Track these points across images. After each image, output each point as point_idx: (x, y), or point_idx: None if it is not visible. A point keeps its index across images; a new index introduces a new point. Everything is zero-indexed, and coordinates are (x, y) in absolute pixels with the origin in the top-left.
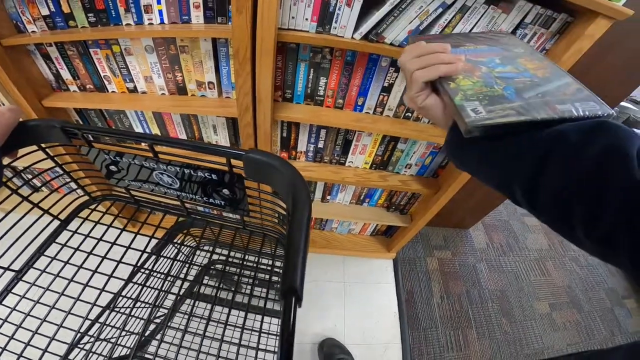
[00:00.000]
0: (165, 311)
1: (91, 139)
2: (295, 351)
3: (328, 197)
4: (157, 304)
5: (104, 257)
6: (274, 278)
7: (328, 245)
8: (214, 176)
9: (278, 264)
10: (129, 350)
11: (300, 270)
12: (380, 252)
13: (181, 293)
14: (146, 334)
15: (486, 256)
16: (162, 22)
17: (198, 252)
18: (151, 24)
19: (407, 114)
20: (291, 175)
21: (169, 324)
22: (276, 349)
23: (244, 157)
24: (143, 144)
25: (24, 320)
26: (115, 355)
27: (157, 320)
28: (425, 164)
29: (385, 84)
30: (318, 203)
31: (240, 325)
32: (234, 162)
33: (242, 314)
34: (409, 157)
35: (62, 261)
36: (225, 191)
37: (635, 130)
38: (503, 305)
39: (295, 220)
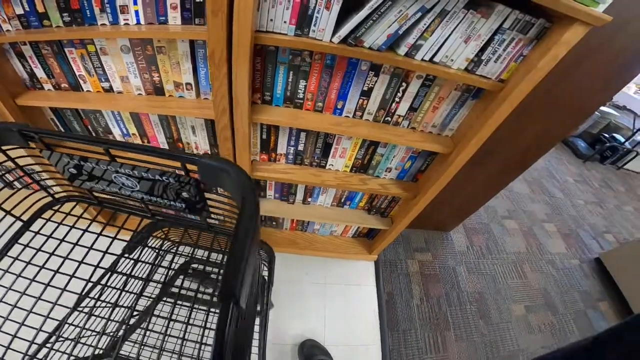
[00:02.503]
0: (131, 311)
1: (52, 142)
2: (275, 352)
3: (309, 199)
4: (119, 303)
5: (65, 258)
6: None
7: (309, 247)
8: (172, 180)
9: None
10: (91, 348)
11: (241, 274)
12: (361, 254)
13: (145, 293)
14: (120, 336)
15: (466, 259)
16: (138, 23)
17: (165, 254)
18: (127, 24)
19: (386, 118)
20: (241, 181)
21: (138, 325)
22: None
23: (199, 163)
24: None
25: None
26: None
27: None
28: (405, 167)
29: (365, 88)
30: (299, 205)
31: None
32: (191, 166)
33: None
34: (389, 161)
35: (24, 261)
36: (185, 194)
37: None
38: (481, 308)
39: (241, 222)
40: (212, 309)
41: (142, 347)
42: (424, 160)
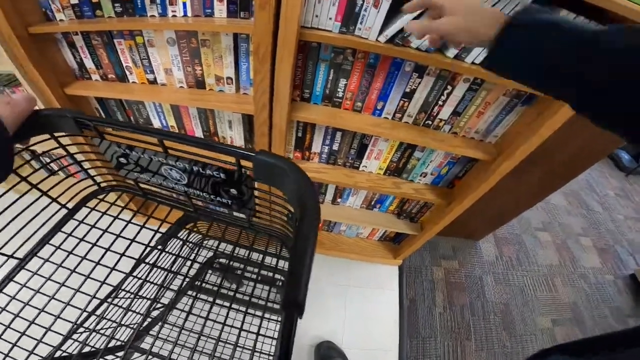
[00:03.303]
0: (165, 305)
1: (103, 130)
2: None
3: (339, 200)
4: (156, 298)
5: (107, 250)
6: (277, 276)
7: (335, 248)
8: (222, 175)
9: (281, 263)
10: (123, 343)
11: (304, 284)
12: (386, 258)
13: (182, 288)
14: (142, 328)
15: (494, 269)
16: (185, 15)
17: (202, 249)
18: (175, 16)
19: (427, 122)
20: (301, 183)
21: (166, 320)
22: (270, 352)
23: (254, 159)
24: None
25: (22, 309)
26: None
27: (155, 314)
28: (441, 173)
29: (407, 90)
30: (328, 205)
31: (238, 327)
32: (243, 162)
33: (236, 313)
34: (425, 166)
35: (66, 251)
36: (233, 190)
37: None
38: (505, 319)
39: (302, 231)
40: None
41: (174, 345)
42: (462, 166)
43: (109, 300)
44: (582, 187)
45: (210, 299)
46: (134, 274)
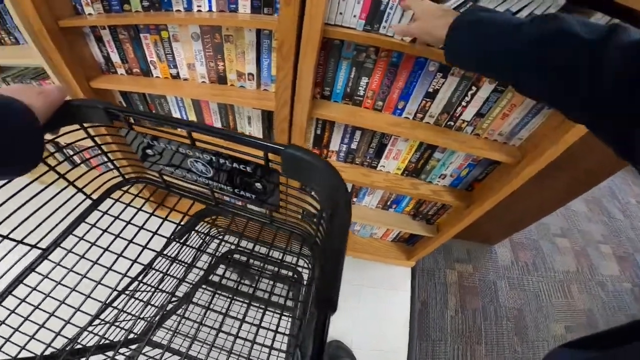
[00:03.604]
0: (182, 299)
1: (132, 121)
2: None
3: (355, 199)
4: (174, 292)
5: (130, 242)
6: (290, 273)
7: (349, 248)
8: (248, 168)
9: (301, 262)
10: (137, 335)
11: (337, 282)
12: (399, 259)
13: (196, 282)
14: (157, 322)
15: (509, 274)
16: (210, 10)
17: (223, 243)
18: (200, 11)
19: (449, 123)
20: (333, 180)
21: (185, 315)
22: (281, 348)
23: (283, 153)
24: (180, 130)
25: (42, 301)
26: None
27: (169, 307)
28: (461, 175)
29: (430, 90)
30: None
31: (257, 324)
32: (270, 156)
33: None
34: (445, 167)
35: (89, 242)
36: (258, 185)
37: None
38: (518, 324)
39: (335, 229)
40: (274, 310)
41: (193, 340)
42: (483, 169)
43: (127, 292)
44: (604, 194)
45: (224, 294)
46: (153, 266)
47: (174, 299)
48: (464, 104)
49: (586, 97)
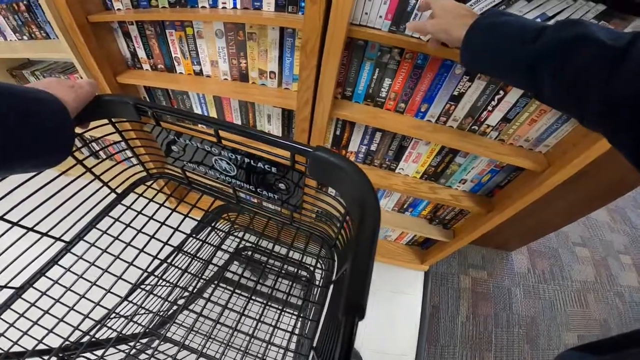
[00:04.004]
0: (196, 295)
1: (159, 118)
2: None
3: None
4: (193, 289)
5: (151, 237)
6: (303, 273)
7: None
8: (273, 169)
9: (314, 262)
10: (152, 330)
11: (367, 287)
12: (413, 262)
13: (210, 278)
14: (172, 318)
15: (524, 281)
16: (234, 7)
17: (242, 242)
18: (224, 8)
19: (473, 127)
20: (361, 184)
21: (202, 313)
22: (290, 347)
23: (311, 155)
24: (201, 126)
25: (63, 294)
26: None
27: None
28: (482, 181)
29: (455, 93)
30: None
31: (274, 325)
32: (296, 157)
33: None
34: (466, 172)
35: (112, 236)
36: (282, 185)
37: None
38: (530, 332)
39: (364, 233)
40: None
41: (207, 338)
42: (506, 175)
43: (143, 286)
44: (628, 204)
45: (241, 293)
46: (169, 261)
47: (187, 294)
48: (489, 108)
49: (603, 104)
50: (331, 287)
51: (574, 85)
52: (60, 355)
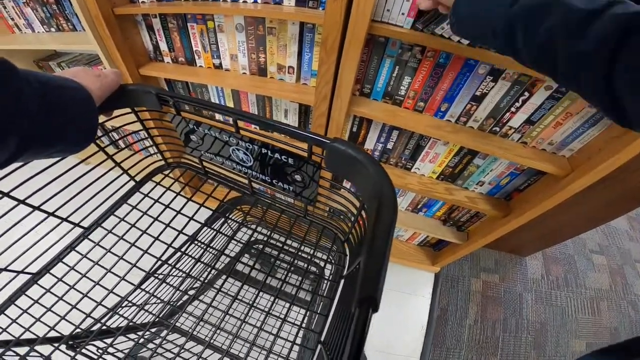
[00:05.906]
0: (207, 285)
1: (179, 107)
2: None
3: None
4: (205, 279)
5: (167, 225)
6: (313, 268)
7: None
8: (290, 160)
9: (325, 257)
10: (161, 319)
11: (381, 280)
12: (424, 263)
13: (222, 269)
14: (183, 307)
15: (537, 287)
16: (255, 1)
17: (255, 234)
18: (245, 2)
19: (494, 128)
20: (379, 177)
21: (212, 304)
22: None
23: (328, 146)
24: (222, 118)
25: (78, 281)
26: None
27: (194, 293)
28: (500, 184)
29: (477, 93)
30: None
31: (282, 319)
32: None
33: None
34: (484, 174)
35: (129, 223)
36: (298, 176)
37: None
38: (538, 339)
39: (380, 227)
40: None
41: (217, 330)
42: (526, 179)
43: (156, 275)
44: None
45: (247, 284)
46: (184, 251)
47: (197, 284)
48: (513, 109)
49: (570, 62)
50: (342, 281)
51: (547, 45)
52: (70, 342)
